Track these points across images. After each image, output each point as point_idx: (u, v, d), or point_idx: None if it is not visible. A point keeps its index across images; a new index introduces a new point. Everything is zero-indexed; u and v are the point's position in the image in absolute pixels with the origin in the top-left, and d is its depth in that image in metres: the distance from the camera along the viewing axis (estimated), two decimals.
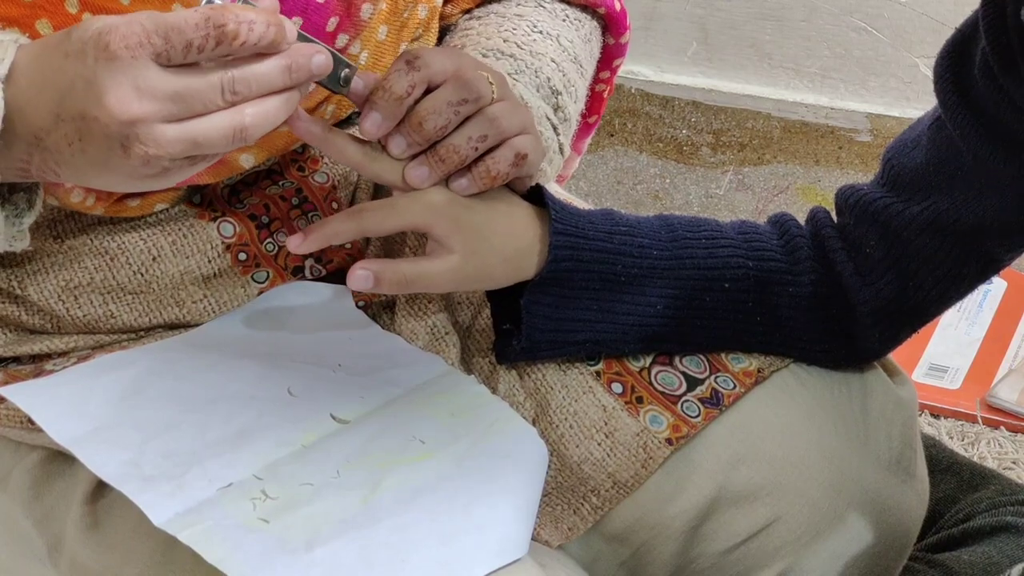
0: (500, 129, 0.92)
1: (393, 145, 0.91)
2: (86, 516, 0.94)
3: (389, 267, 0.93)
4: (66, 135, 0.79)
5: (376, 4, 0.99)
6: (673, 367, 1.01)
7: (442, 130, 0.91)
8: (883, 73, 2.01)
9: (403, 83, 0.89)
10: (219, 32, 0.77)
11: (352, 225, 0.93)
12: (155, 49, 0.77)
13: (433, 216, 0.92)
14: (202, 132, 0.79)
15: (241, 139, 0.80)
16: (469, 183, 0.93)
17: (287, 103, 0.81)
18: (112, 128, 0.77)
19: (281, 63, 0.80)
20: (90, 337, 0.98)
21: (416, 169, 0.92)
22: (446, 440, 0.93)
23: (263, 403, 0.93)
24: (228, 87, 0.78)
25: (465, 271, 0.94)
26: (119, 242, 0.97)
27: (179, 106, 0.78)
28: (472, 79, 0.90)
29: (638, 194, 2.17)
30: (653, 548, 0.99)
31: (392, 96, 0.89)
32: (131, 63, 0.77)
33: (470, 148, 0.91)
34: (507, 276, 0.96)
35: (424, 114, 0.90)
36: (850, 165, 2.06)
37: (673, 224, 1.00)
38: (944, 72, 0.94)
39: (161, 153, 0.78)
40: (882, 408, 1.03)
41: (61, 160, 0.80)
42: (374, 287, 0.92)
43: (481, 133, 0.91)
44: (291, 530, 0.85)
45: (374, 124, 0.90)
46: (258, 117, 0.80)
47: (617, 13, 1.15)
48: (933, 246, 0.98)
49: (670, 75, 2.10)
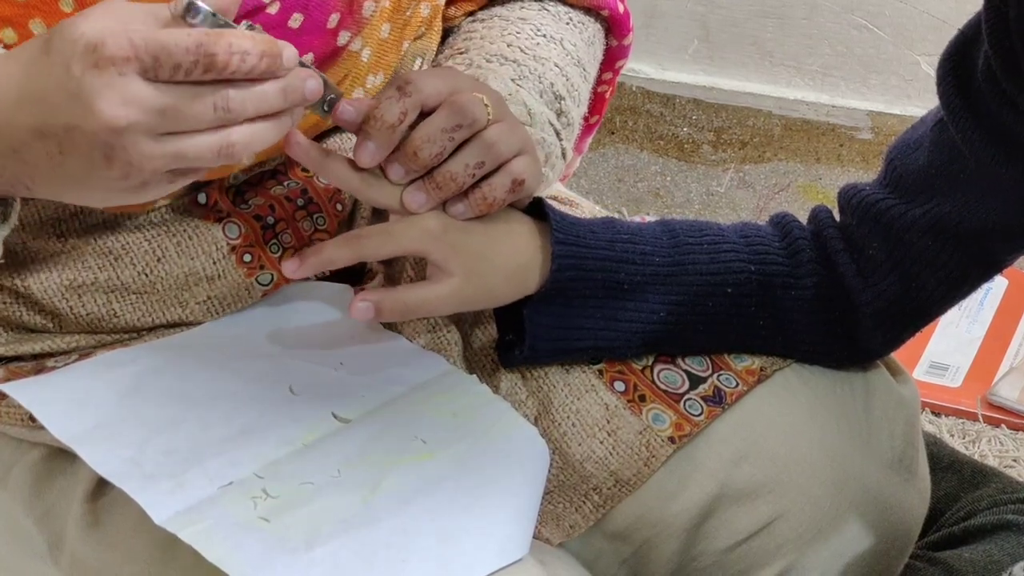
0: (497, 154, 0.91)
1: (391, 171, 0.91)
2: (87, 514, 0.94)
3: (389, 296, 0.93)
4: (46, 149, 0.78)
5: (378, 1, 0.99)
6: (676, 365, 1.01)
7: (438, 157, 0.90)
8: (884, 71, 2.01)
9: (395, 111, 0.88)
10: (208, 60, 0.76)
11: (348, 252, 0.93)
12: (143, 66, 0.76)
13: (430, 242, 0.92)
14: (189, 148, 0.78)
15: (228, 157, 0.79)
16: (466, 208, 0.93)
17: (278, 126, 0.81)
18: (98, 137, 0.76)
19: (277, 86, 0.79)
20: (92, 336, 0.98)
21: (413, 195, 0.92)
22: (447, 440, 0.93)
23: (264, 401, 0.93)
24: (221, 104, 0.77)
25: (467, 293, 0.94)
26: (123, 242, 0.97)
27: (167, 120, 0.77)
28: (466, 104, 0.90)
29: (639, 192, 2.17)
30: (655, 546, 0.99)
31: (384, 124, 0.88)
32: (118, 77, 0.76)
33: (467, 175, 0.91)
34: (510, 293, 0.96)
35: (419, 143, 0.89)
36: (851, 163, 2.06)
37: (675, 229, 1.00)
38: (946, 75, 0.94)
39: (144, 165, 0.77)
40: (884, 407, 1.02)
41: (37, 175, 0.80)
42: (376, 317, 0.92)
43: (478, 160, 0.91)
44: (291, 529, 0.85)
45: (368, 153, 0.90)
46: (246, 136, 0.79)
47: (620, 15, 1.15)
48: (935, 248, 0.98)
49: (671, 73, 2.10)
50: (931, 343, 1.78)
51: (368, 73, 1.01)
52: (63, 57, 0.77)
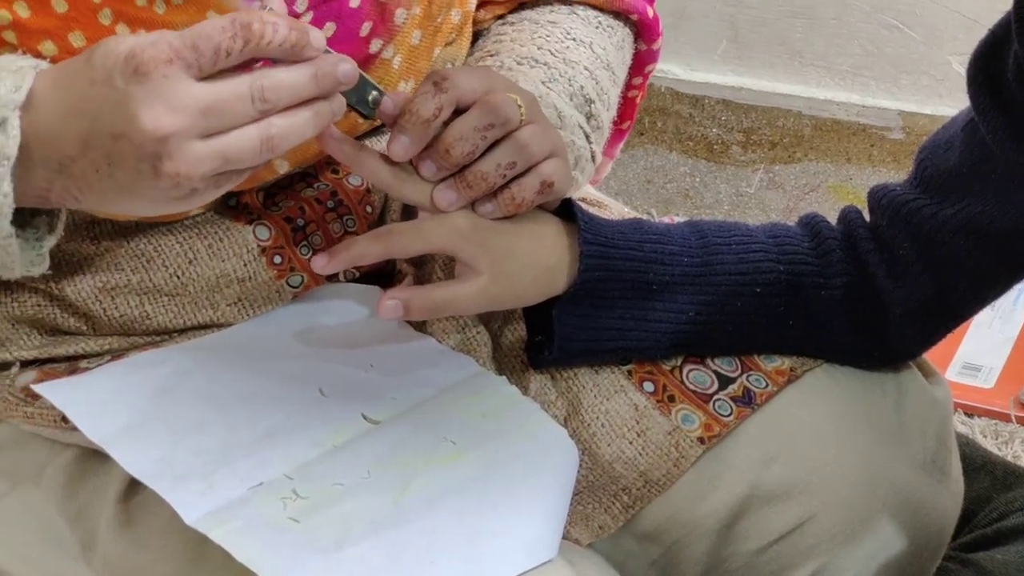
0: (529, 155, 0.92)
1: (423, 168, 0.92)
2: (119, 514, 0.95)
3: (418, 294, 0.93)
4: (94, 161, 0.79)
5: (410, 9, 0.99)
6: (705, 366, 1.00)
7: (469, 155, 0.91)
8: (915, 71, 2.00)
9: (430, 105, 0.89)
10: (246, 31, 0.77)
11: (379, 247, 0.93)
12: (186, 62, 0.77)
13: (459, 240, 0.93)
14: (232, 146, 0.79)
15: (269, 150, 0.80)
16: (494, 208, 0.93)
17: (316, 117, 0.81)
18: (145, 147, 0.77)
19: (308, 71, 0.80)
20: (125, 338, 0.98)
21: (444, 193, 0.92)
22: (477, 441, 0.93)
23: (294, 403, 0.93)
24: (258, 95, 0.78)
25: (495, 292, 0.94)
26: (155, 244, 0.98)
27: (210, 120, 0.78)
28: (499, 103, 0.90)
29: (668, 193, 2.17)
30: (684, 547, 0.98)
31: (419, 119, 0.89)
32: (162, 81, 0.77)
33: (498, 175, 0.91)
34: (538, 294, 0.96)
35: (451, 141, 0.90)
36: (882, 163, 2.05)
37: (703, 230, 1.00)
38: (977, 74, 0.94)
39: (192, 171, 0.78)
40: (917, 408, 1.02)
41: (87, 187, 0.80)
42: (404, 315, 0.93)
43: (510, 160, 0.91)
44: (321, 530, 0.85)
45: (402, 147, 0.90)
46: (285, 128, 0.80)
47: (650, 20, 1.14)
48: (967, 249, 0.98)
49: (700, 73, 2.10)
50: (963, 344, 1.77)
51: (399, 80, 1.01)
52: (105, 70, 0.77)
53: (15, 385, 0.97)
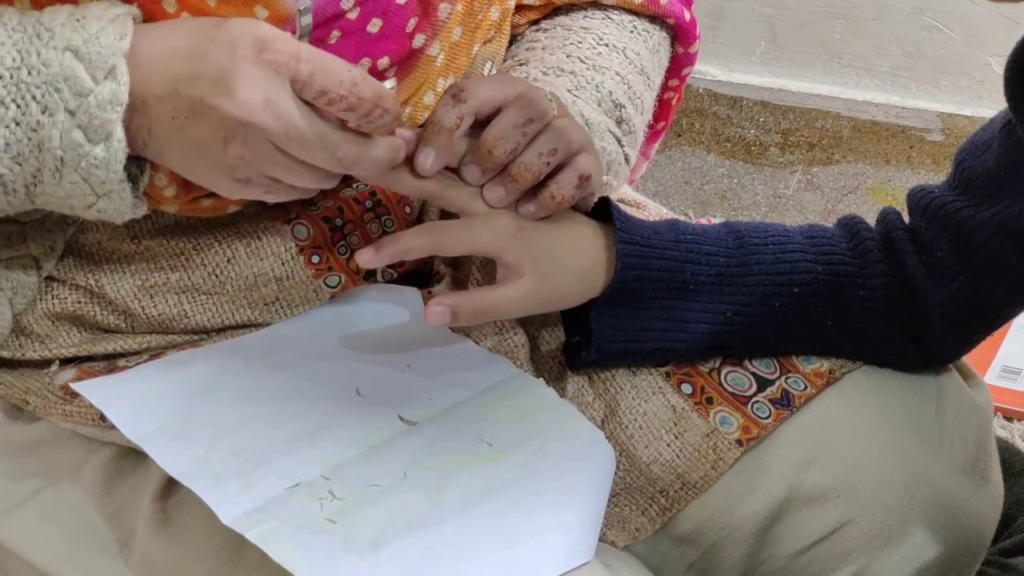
0: (568, 141, 0.93)
1: (468, 174, 0.93)
2: (156, 512, 0.95)
3: (464, 299, 0.94)
4: (175, 109, 0.81)
5: (453, 5, 0.99)
6: (743, 368, 1.00)
7: (512, 153, 0.92)
8: (955, 72, 1.99)
9: (451, 116, 0.90)
10: (355, 101, 0.81)
11: (427, 241, 0.94)
12: (297, 76, 0.80)
13: (505, 240, 0.93)
14: (294, 174, 0.84)
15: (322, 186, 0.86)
16: (536, 208, 0.94)
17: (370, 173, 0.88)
18: (227, 122, 0.80)
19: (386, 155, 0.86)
20: (163, 337, 0.99)
21: (492, 189, 0.94)
22: (513, 443, 0.93)
23: (331, 403, 0.93)
24: (339, 154, 0.83)
25: (539, 294, 0.94)
26: (195, 243, 0.98)
27: (290, 142, 0.81)
28: (534, 98, 0.92)
29: (705, 194, 2.16)
30: (722, 550, 0.98)
31: (442, 129, 0.90)
32: (272, 76, 0.80)
33: (542, 163, 0.92)
34: (580, 294, 0.96)
35: (493, 141, 0.91)
36: (921, 165, 2.04)
37: (740, 231, 1.00)
38: (1014, 76, 0.93)
39: (254, 163, 0.82)
40: (957, 411, 1.01)
41: (158, 130, 0.83)
42: (452, 321, 0.93)
43: (551, 147, 0.92)
44: (357, 530, 0.85)
45: (428, 158, 0.91)
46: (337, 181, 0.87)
47: (687, 24, 1.14)
48: (1005, 250, 0.97)
49: (738, 75, 2.10)
50: (1003, 347, 1.76)
51: (440, 76, 1.02)
52: (231, 38, 0.81)
53: (54, 383, 0.98)
